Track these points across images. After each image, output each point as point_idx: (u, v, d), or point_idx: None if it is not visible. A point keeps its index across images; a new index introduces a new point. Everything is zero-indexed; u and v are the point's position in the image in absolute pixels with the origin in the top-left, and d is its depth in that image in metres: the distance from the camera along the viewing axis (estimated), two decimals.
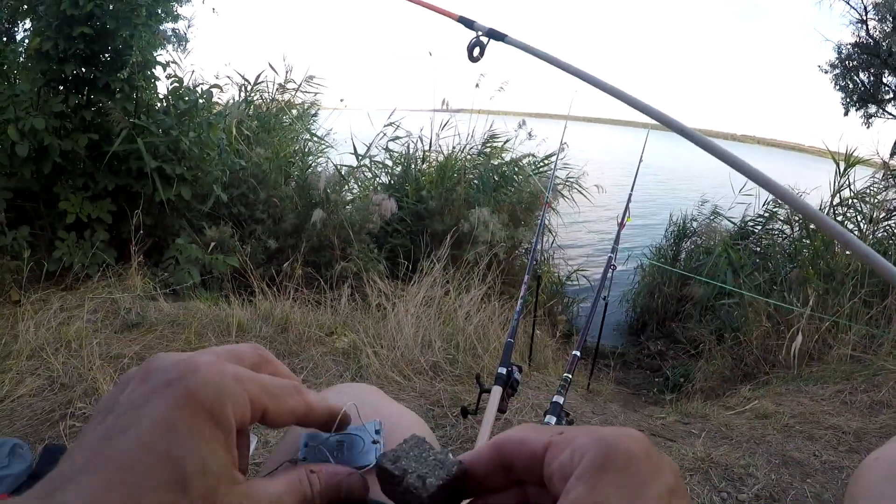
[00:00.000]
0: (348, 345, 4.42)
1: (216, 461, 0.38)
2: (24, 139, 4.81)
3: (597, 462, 0.37)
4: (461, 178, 7.74)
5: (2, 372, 3.55)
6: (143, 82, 5.56)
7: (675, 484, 0.37)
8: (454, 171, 7.94)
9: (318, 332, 4.59)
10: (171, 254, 5.41)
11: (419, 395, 3.83)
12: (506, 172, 8.37)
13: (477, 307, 5.31)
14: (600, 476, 0.36)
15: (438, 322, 4.88)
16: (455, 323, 4.89)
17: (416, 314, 4.84)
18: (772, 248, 7.64)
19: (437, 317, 4.94)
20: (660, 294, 8.29)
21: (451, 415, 3.52)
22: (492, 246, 6.46)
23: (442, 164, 8.13)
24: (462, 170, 7.95)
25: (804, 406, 4.10)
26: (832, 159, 7.12)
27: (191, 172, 5.62)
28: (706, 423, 3.92)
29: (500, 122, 8.84)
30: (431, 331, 4.66)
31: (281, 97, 9.39)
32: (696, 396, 5.12)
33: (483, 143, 8.65)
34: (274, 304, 4.94)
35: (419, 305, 5.00)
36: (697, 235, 8.69)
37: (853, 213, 7.08)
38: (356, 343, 4.40)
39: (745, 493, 3.05)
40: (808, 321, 5.26)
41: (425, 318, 4.83)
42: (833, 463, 3.34)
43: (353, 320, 4.87)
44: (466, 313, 5.10)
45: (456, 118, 8.50)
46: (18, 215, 5.22)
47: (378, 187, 7.99)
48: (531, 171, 8.55)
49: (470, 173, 8.07)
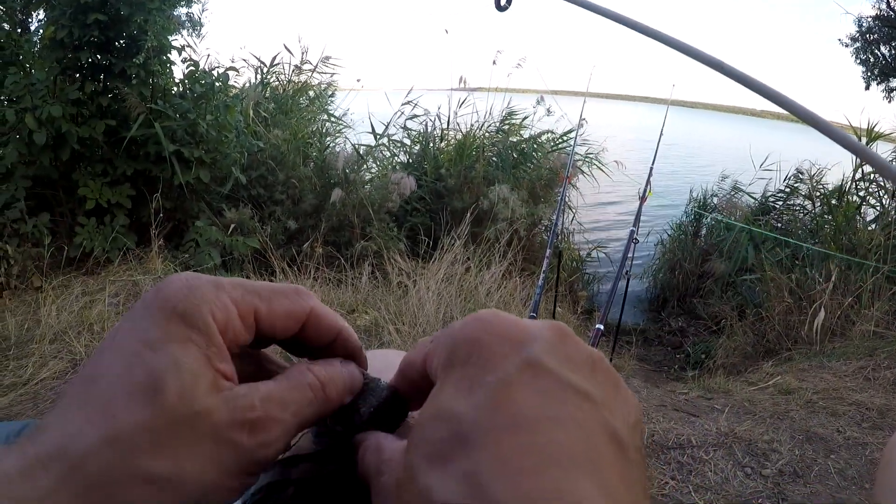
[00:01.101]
0: (370, 322, 4.43)
1: (191, 361, 0.36)
2: (42, 127, 4.84)
3: (443, 361, 0.36)
4: (480, 155, 7.73)
5: (25, 356, 3.60)
6: (158, 67, 5.55)
7: (539, 353, 0.33)
8: (473, 148, 7.91)
9: (340, 309, 4.60)
10: (191, 236, 5.43)
11: None
12: (525, 149, 8.34)
13: (498, 284, 5.31)
14: (446, 374, 0.35)
15: (460, 298, 4.88)
16: (476, 299, 4.89)
17: (437, 291, 4.85)
18: (793, 223, 7.56)
19: (458, 293, 4.94)
20: (680, 270, 8.24)
21: None
22: (511, 223, 6.45)
23: (460, 141, 8.10)
24: (481, 147, 7.93)
25: (827, 382, 4.07)
26: (854, 134, 7.01)
27: (209, 155, 5.63)
28: (729, 399, 3.90)
29: (518, 100, 8.79)
30: (453, 307, 4.67)
31: (297, 78, 9.39)
32: (717, 373, 5.10)
33: (501, 120, 8.61)
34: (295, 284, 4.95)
35: (440, 282, 5.01)
36: (718, 211, 8.60)
37: (875, 189, 7.00)
38: (378, 320, 4.41)
39: (768, 469, 3.04)
40: (831, 297, 5.21)
41: (446, 294, 4.84)
42: (857, 439, 3.32)
43: (374, 298, 4.88)
44: (488, 290, 5.10)
45: (473, 96, 8.46)
46: (39, 203, 5.27)
47: (397, 166, 7.99)
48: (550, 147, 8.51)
49: (489, 151, 8.05)
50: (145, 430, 0.33)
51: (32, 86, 4.95)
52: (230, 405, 0.36)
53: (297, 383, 0.41)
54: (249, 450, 0.37)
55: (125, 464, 0.33)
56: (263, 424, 0.38)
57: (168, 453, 0.34)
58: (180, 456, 0.34)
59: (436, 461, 0.31)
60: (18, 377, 3.40)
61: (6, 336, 3.81)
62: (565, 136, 8.57)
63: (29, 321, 4.00)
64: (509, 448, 0.29)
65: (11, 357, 3.60)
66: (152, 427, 0.34)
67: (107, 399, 0.34)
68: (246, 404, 0.37)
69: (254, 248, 5.57)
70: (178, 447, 0.34)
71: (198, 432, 0.35)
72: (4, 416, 3.12)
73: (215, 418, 0.36)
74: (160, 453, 0.33)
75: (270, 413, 0.38)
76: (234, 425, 0.36)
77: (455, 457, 0.30)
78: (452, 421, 0.32)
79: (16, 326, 3.90)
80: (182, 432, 0.34)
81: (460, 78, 8.37)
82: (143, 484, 0.33)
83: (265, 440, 0.38)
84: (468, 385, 0.33)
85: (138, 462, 0.33)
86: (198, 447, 0.35)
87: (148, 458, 0.33)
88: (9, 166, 4.98)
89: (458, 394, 0.33)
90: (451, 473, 0.30)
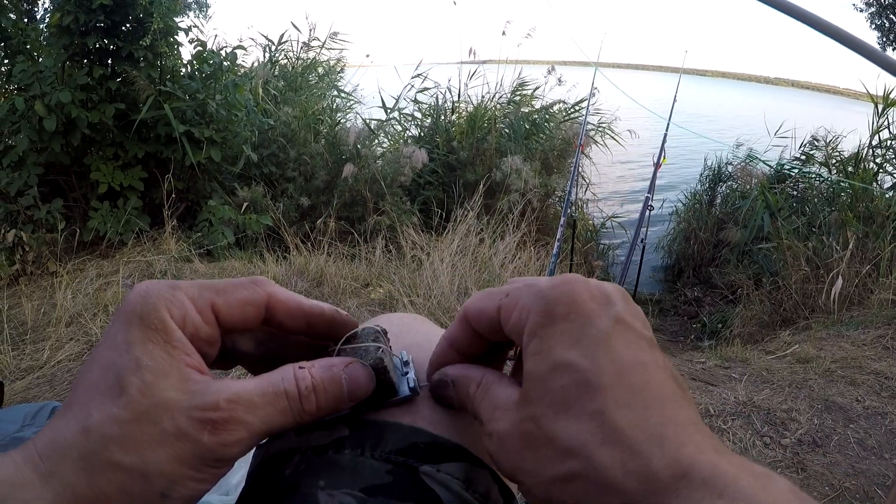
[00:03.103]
0: (384, 295, 4.45)
1: (151, 359, 0.39)
2: (52, 113, 4.86)
3: (541, 318, 0.39)
4: (492, 127, 7.69)
5: (42, 339, 3.64)
6: (165, 49, 5.56)
7: (619, 315, 0.39)
8: (484, 120, 7.88)
9: (354, 283, 4.63)
10: (205, 216, 5.46)
11: None
12: (536, 120, 8.30)
13: (512, 255, 5.32)
14: (546, 329, 0.38)
15: (474, 270, 4.90)
16: (491, 270, 4.90)
17: (451, 263, 4.87)
18: (809, 191, 7.48)
19: (472, 265, 4.96)
20: (695, 240, 8.19)
21: None
22: (524, 194, 6.43)
23: (472, 114, 8.07)
24: (492, 119, 7.89)
25: (845, 351, 4.04)
26: (870, 100, 6.93)
27: (219, 134, 5.63)
28: (747, 368, 3.89)
29: (528, 70, 8.74)
30: (467, 278, 4.68)
31: (306, 56, 9.36)
32: (734, 342, 5.07)
33: (512, 91, 8.57)
34: (308, 259, 4.98)
35: (454, 254, 5.02)
36: (733, 179, 8.53)
37: (892, 155, 6.91)
38: (392, 293, 4.42)
39: (787, 438, 3.03)
40: (848, 265, 5.17)
41: (461, 266, 4.85)
42: (876, 408, 3.30)
43: (388, 271, 4.90)
44: (502, 261, 5.11)
45: (484, 68, 8.42)
46: (52, 189, 5.32)
47: (408, 140, 7.98)
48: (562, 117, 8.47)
49: (500, 122, 8.00)
50: (114, 422, 0.37)
51: (41, 73, 4.95)
52: (194, 402, 0.39)
53: (271, 388, 0.42)
54: (210, 448, 0.38)
55: (98, 453, 0.36)
56: (226, 425, 0.39)
57: (133, 445, 0.37)
58: (144, 448, 0.37)
59: (561, 408, 0.36)
60: (35, 360, 3.43)
61: (23, 321, 3.84)
62: (577, 106, 8.52)
63: (45, 305, 4.03)
64: (623, 389, 0.35)
65: (28, 341, 3.64)
66: (120, 420, 0.37)
67: (85, 400, 0.38)
68: (210, 402, 0.39)
69: (267, 225, 5.60)
70: (141, 440, 0.37)
71: (159, 427, 0.37)
72: (22, 398, 3.17)
73: (176, 413, 0.38)
74: (127, 445, 0.37)
75: (235, 415, 0.39)
76: (194, 422, 0.38)
77: (580, 401, 0.35)
78: (571, 370, 0.36)
79: (32, 311, 3.93)
80: (145, 426, 0.37)
81: (470, 50, 8.35)
82: (114, 471, 0.36)
83: (226, 440, 0.39)
84: (574, 338, 0.37)
85: (109, 452, 0.36)
86: (159, 441, 0.37)
87: (117, 448, 0.36)
88: (21, 154, 5.03)
89: (568, 346, 0.37)
90: (577, 416, 0.35)
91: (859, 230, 5.46)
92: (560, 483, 0.36)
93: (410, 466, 0.45)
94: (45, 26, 5.54)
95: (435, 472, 0.45)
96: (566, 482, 0.35)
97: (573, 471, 0.35)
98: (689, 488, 0.32)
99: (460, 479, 0.46)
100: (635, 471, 0.33)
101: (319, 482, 0.44)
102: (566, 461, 0.35)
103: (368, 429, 0.47)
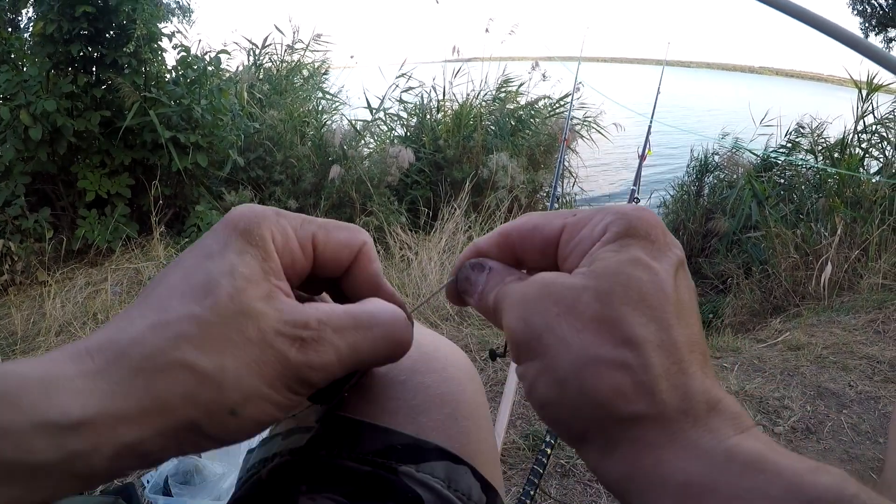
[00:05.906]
0: None
1: (246, 267, 0.37)
2: (37, 122, 4.87)
3: (622, 230, 0.39)
4: (478, 124, 7.70)
5: (32, 349, 3.63)
6: (149, 55, 5.55)
7: (682, 258, 0.40)
8: (470, 118, 7.87)
9: None
10: (193, 221, 5.46)
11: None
12: (522, 116, 8.32)
13: None
14: (627, 240, 0.38)
15: None
16: None
17: (439, 261, 4.86)
18: (796, 178, 7.51)
19: None
20: (684, 231, 8.18)
21: (479, 359, 3.52)
22: (511, 190, 6.44)
23: (457, 112, 8.06)
24: (478, 116, 7.89)
25: (837, 336, 4.06)
26: (854, 86, 6.97)
27: (205, 139, 5.63)
28: (738, 357, 3.89)
29: (513, 67, 8.75)
30: None
31: (290, 58, 9.35)
32: (725, 331, 5.08)
33: (497, 88, 8.58)
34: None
35: (442, 252, 5.02)
36: (720, 169, 8.55)
37: (877, 140, 6.95)
38: None
39: (780, 426, 3.04)
40: (837, 251, 5.19)
41: (449, 264, 4.84)
42: (869, 393, 3.31)
43: None
44: None
45: (468, 66, 8.42)
46: (39, 198, 5.31)
47: (394, 139, 7.97)
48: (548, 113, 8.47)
49: (486, 119, 8.02)
50: (193, 321, 0.34)
51: (25, 82, 4.96)
52: (283, 316, 0.37)
53: (365, 315, 0.42)
54: (296, 365, 0.37)
55: (168, 350, 0.33)
56: (315, 345, 0.38)
57: (212, 347, 0.34)
58: (224, 352, 0.35)
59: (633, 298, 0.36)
60: None
61: (13, 331, 3.84)
62: (562, 101, 8.53)
63: (34, 315, 4.03)
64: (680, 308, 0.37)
65: (18, 351, 3.63)
66: (200, 320, 0.35)
67: (162, 298, 0.36)
68: (300, 320, 0.38)
69: None
70: (223, 344, 0.35)
71: (244, 334, 0.35)
72: None
73: (263, 324, 0.36)
74: (205, 346, 0.34)
75: (325, 336, 0.38)
76: (283, 337, 0.37)
77: (653, 302, 0.36)
78: (651, 272, 0.37)
79: (22, 321, 3.92)
80: (229, 331, 0.35)
81: (454, 48, 8.35)
82: (184, 373, 0.33)
83: (313, 361, 0.38)
84: (654, 253, 0.38)
85: (182, 351, 0.34)
86: (242, 348, 0.35)
87: (192, 348, 0.34)
88: (7, 164, 5.03)
89: (649, 256, 0.38)
90: (645, 313, 0.36)
91: (847, 215, 5.49)
92: (603, 367, 0.35)
93: (390, 468, 0.45)
94: (28, 35, 5.54)
95: (415, 473, 0.45)
96: (610, 368, 0.35)
97: (624, 360, 0.35)
98: (720, 418, 0.34)
99: (441, 478, 0.46)
100: (679, 385, 0.34)
101: (301, 486, 0.44)
102: (620, 348, 0.35)
103: (343, 429, 0.47)
